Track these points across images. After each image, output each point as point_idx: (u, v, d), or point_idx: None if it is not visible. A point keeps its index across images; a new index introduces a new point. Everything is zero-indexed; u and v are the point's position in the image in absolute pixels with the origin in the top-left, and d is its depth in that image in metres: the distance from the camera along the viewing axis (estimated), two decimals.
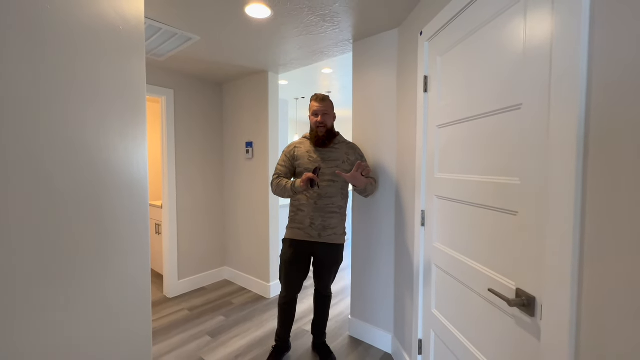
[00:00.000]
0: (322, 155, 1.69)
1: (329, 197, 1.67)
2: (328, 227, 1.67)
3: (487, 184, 0.99)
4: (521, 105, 0.86)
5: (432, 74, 1.39)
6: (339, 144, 1.73)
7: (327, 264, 1.73)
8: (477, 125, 1.06)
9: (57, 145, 0.68)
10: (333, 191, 1.68)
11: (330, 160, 1.68)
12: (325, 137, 1.68)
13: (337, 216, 1.70)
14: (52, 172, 0.68)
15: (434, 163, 1.38)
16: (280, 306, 1.80)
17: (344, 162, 1.69)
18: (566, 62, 0.70)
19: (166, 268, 2.79)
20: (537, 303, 0.80)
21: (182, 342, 2.07)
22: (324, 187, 1.66)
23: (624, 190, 0.59)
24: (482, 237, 1.03)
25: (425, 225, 1.47)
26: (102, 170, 0.76)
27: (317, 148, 1.70)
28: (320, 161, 1.67)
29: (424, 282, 1.48)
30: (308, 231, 1.67)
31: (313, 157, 1.69)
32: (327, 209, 1.67)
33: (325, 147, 1.70)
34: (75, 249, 0.72)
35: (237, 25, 1.79)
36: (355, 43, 2.03)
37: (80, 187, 0.72)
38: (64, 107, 0.69)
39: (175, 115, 2.74)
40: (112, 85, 0.79)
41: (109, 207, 0.78)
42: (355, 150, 1.76)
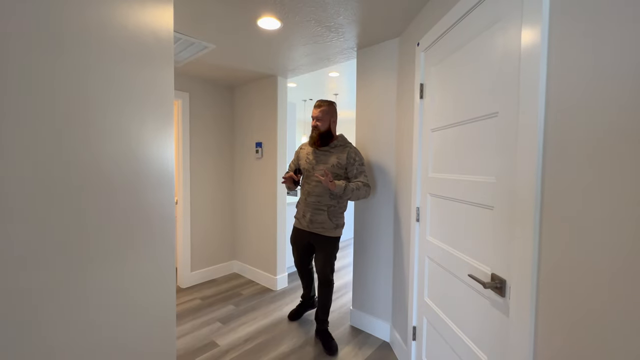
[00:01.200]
0: (316, 157, 1.96)
1: (316, 196, 1.93)
2: (315, 221, 1.94)
3: (471, 183, 1.12)
4: (497, 114, 0.98)
5: (427, 82, 1.52)
6: (336, 147, 1.93)
7: (318, 251, 2.01)
8: (462, 130, 1.18)
9: (110, 142, 0.84)
10: (320, 191, 1.92)
11: (322, 162, 1.93)
12: (318, 139, 1.92)
13: (324, 213, 1.92)
14: (105, 164, 0.83)
15: (428, 163, 1.51)
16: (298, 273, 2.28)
17: (333, 166, 1.89)
18: (530, 77, 0.82)
19: (180, 260, 2.97)
20: (507, 285, 0.93)
21: (195, 327, 2.24)
22: (313, 187, 1.94)
23: (574, 188, 0.71)
24: (465, 229, 1.16)
25: (419, 221, 1.60)
26: (141, 160, 0.92)
27: (314, 150, 1.97)
28: (314, 163, 1.95)
29: (418, 273, 1.61)
30: (301, 221, 2.02)
31: (309, 159, 1.99)
32: (314, 205, 1.94)
33: (321, 148, 1.94)
34: (121, 234, 0.87)
35: (250, 35, 1.95)
36: (359, 51, 2.16)
37: (125, 175, 0.88)
38: (119, 112, 0.85)
39: (190, 117, 2.92)
40: (149, 91, 0.94)
41: (147, 193, 0.93)
42: (348, 153, 1.88)
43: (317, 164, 1.93)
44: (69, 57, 0.75)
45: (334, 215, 1.93)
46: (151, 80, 0.94)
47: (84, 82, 0.78)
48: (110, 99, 0.84)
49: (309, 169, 1.97)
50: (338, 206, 1.94)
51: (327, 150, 1.93)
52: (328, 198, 1.91)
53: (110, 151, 0.84)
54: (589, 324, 0.67)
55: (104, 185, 0.83)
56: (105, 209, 0.83)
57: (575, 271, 0.70)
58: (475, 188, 1.09)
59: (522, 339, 0.84)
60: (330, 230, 1.94)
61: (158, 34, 0.96)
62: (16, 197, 0.68)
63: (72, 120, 0.76)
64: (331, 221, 1.93)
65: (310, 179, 1.96)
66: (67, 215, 0.76)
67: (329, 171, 1.85)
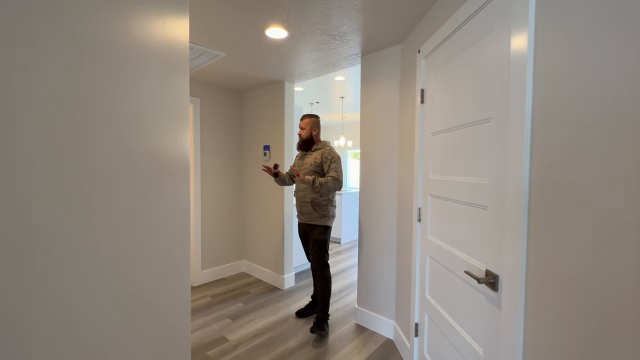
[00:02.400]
0: (300, 160, 2.34)
1: (302, 191, 2.26)
2: (305, 212, 2.27)
3: (467, 184, 1.18)
4: (490, 119, 1.05)
5: (428, 88, 1.59)
6: (315, 150, 2.27)
7: (310, 238, 2.29)
8: (460, 134, 1.25)
9: (139, 144, 0.94)
10: (303, 186, 2.25)
11: (304, 164, 2.28)
12: (301, 143, 2.31)
13: (309, 205, 2.22)
14: (137, 159, 0.93)
15: (428, 166, 1.57)
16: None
17: (311, 164, 2.22)
18: (518, 81, 0.89)
19: (191, 259, 3.08)
20: (500, 280, 0.99)
21: (206, 323, 2.34)
22: (298, 183, 2.29)
23: (559, 186, 0.78)
24: (462, 228, 1.22)
25: (421, 221, 1.66)
26: (164, 158, 1.01)
27: (301, 153, 2.35)
28: (300, 163, 2.32)
29: (420, 271, 1.66)
30: (299, 215, 2.34)
31: (298, 161, 2.36)
32: (302, 199, 2.26)
33: (306, 152, 2.31)
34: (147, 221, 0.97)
35: (258, 44, 2.04)
36: (363, 57, 2.24)
37: (152, 170, 0.97)
38: (147, 120, 0.95)
39: (201, 121, 3.03)
40: (169, 98, 1.04)
41: (168, 187, 1.02)
42: (322, 154, 2.21)
43: (303, 165, 2.29)
44: (114, 72, 0.85)
45: (317, 206, 2.21)
46: (173, 89, 1.04)
47: (126, 94, 0.88)
48: (142, 108, 0.94)
49: (297, 169, 2.29)
50: (321, 199, 2.21)
51: (308, 153, 2.30)
52: (310, 192, 2.21)
53: (144, 148, 0.94)
54: (573, 316, 0.73)
55: (137, 175, 0.92)
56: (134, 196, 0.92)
57: (561, 266, 0.76)
58: (471, 189, 1.15)
59: (513, 330, 0.90)
60: (317, 219, 2.22)
61: (176, 47, 1.06)
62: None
63: (121, 124, 0.86)
64: (316, 211, 2.21)
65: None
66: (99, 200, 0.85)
67: (308, 169, 2.23)
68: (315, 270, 2.23)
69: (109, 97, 0.86)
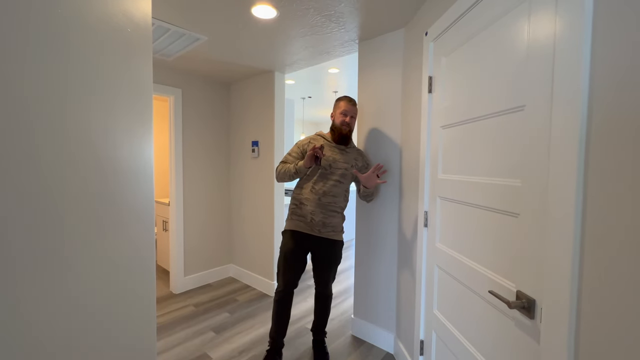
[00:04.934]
0: (334, 155, 1.73)
1: (332, 196, 1.71)
2: (328, 224, 1.71)
3: (489, 186, 0.99)
4: (524, 107, 0.85)
5: (437, 75, 1.39)
6: (351, 149, 1.81)
7: (326, 260, 1.76)
8: (480, 126, 1.05)
9: (63, 143, 0.71)
10: (338, 191, 1.73)
11: (340, 161, 1.73)
12: (347, 137, 1.76)
13: (338, 216, 1.75)
14: (56, 169, 0.70)
15: (437, 164, 1.38)
16: (276, 302, 1.77)
17: (352, 166, 1.76)
18: (569, 64, 0.69)
19: (172, 264, 2.84)
20: (537, 305, 0.80)
21: (187, 337, 2.11)
22: (331, 186, 1.70)
23: (625, 192, 0.59)
24: (483, 239, 1.03)
25: (428, 226, 1.47)
26: (107, 167, 0.79)
27: (332, 146, 1.76)
28: (331, 160, 1.71)
29: (426, 282, 1.48)
30: (308, 224, 1.70)
31: (326, 155, 1.72)
32: (329, 207, 1.71)
33: (340, 146, 1.77)
34: (76, 242, 0.74)
35: (244, 25, 1.81)
36: (360, 43, 2.03)
37: (86, 184, 0.75)
38: (72, 106, 0.72)
39: (182, 114, 2.78)
40: (119, 84, 0.81)
41: (115, 204, 0.80)
42: (363, 157, 1.84)
43: (336, 161, 1.72)
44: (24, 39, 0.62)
45: (343, 219, 1.80)
46: (119, 71, 0.81)
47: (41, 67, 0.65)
48: (71, 88, 0.71)
49: (325, 165, 1.70)
50: (345, 208, 1.81)
51: (344, 149, 1.78)
52: (342, 199, 1.75)
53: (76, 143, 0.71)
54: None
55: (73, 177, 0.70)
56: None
57: (630, 292, 0.57)
58: (495, 192, 0.96)
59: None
60: (340, 234, 1.78)
61: (131, 17, 0.83)
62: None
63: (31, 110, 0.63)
64: (341, 224, 1.79)
65: (327, 177, 1.70)
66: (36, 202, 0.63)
67: (345, 170, 1.73)
68: (326, 293, 1.84)
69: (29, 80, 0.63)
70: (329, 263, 1.77)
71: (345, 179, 1.74)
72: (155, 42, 2.03)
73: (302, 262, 1.75)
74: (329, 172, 1.71)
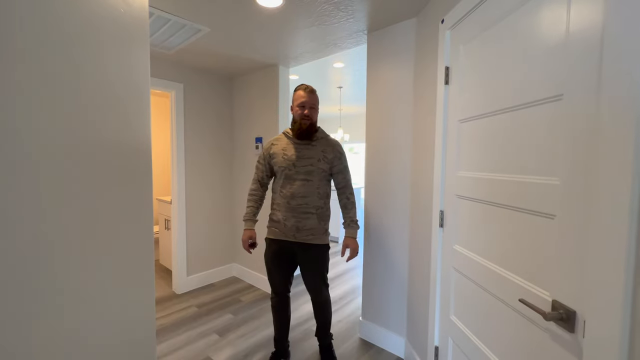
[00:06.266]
0: (297, 153, 1.60)
1: (302, 197, 1.57)
2: (302, 228, 1.58)
3: (519, 184, 0.90)
4: (562, 96, 0.77)
5: (454, 65, 1.30)
6: (317, 140, 1.63)
7: (307, 266, 1.64)
8: (507, 118, 0.96)
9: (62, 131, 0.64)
10: (308, 191, 1.58)
11: (305, 157, 1.59)
12: (309, 130, 1.60)
13: (313, 217, 1.59)
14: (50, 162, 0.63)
15: (454, 160, 1.29)
16: (272, 307, 1.76)
17: (319, 160, 1.59)
18: (622, 49, 0.60)
19: (175, 264, 2.78)
20: (579, 318, 0.72)
21: (190, 339, 2.05)
22: (298, 187, 1.57)
23: None
24: (511, 242, 0.94)
25: (444, 226, 1.39)
26: (103, 155, 0.71)
27: (295, 143, 1.62)
28: (294, 159, 1.59)
29: (441, 286, 1.40)
30: (283, 230, 1.61)
31: (287, 155, 1.61)
32: (300, 209, 1.57)
33: (304, 141, 1.61)
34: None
35: (248, 15, 1.72)
36: (370, 34, 1.94)
37: (83, 173, 0.67)
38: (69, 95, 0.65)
39: (184, 110, 2.70)
40: (115, 71, 0.73)
41: (109, 198, 0.73)
42: (334, 147, 1.64)
43: (299, 159, 1.58)
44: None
45: (323, 219, 1.63)
46: (115, 57, 0.73)
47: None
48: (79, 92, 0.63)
49: (288, 166, 1.59)
50: (325, 207, 1.64)
51: (308, 143, 1.62)
52: (316, 198, 1.59)
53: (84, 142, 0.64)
54: None
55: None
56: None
57: None
58: (526, 191, 0.88)
59: None
60: (321, 237, 1.62)
61: (132, 9, 0.75)
62: None
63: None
64: (321, 225, 1.62)
65: (293, 178, 1.59)
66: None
67: (312, 168, 1.57)
68: (319, 300, 1.70)
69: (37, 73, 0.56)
70: (312, 269, 1.64)
71: (314, 175, 1.58)
72: (155, 34, 1.95)
73: (286, 269, 1.68)
74: (294, 172, 1.58)
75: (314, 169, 1.58)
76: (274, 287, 1.72)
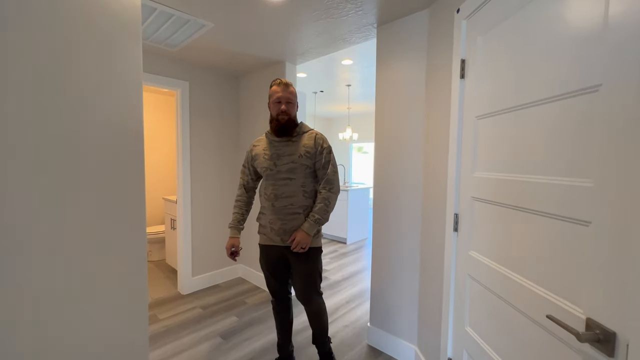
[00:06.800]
0: (277, 151, 1.52)
1: (287, 197, 1.48)
2: (289, 230, 1.49)
3: (547, 186, 0.81)
4: (599, 87, 0.67)
5: (471, 57, 1.21)
6: (297, 136, 1.54)
7: (297, 271, 1.55)
8: (532, 113, 0.87)
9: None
10: (292, 190, 1.48)
11: (285, 155, 1.50)
12: (288, 126, 1.50)
13: (300, 217, 1.49)
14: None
15: (470, 160, 1.20)
16: (272, 311, 1.73)
17: (301, 156, 1.49)
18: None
19: (180, 264, 2.75)
20: (619, 340, 0.62)
21: (194, 342, 2.01)
22: (281, 186, 1.49)
23: None
24: (537, 251, 0.85)
25: (458, 231, 1.30)
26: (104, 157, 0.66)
27: (274, 141, 1.54)
28: (275, 158, 1.51)
29: (456, 294, 1.31)
30: (270, 235, 1.54)
31: (267, 154, 1.54)
32: (286, 210, 1.48)
33: (283, 138, 1.53)
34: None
35: (252, 8, 1.66)
36: (379, 27, 1.85)
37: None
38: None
39: (190, 108, 2.66)
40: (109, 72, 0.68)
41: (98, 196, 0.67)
42: (316, 141, 1.53)
43: (280, 157, 1.50)
44: None
45: None
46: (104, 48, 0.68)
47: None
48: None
49: (269, 166, 1.51)
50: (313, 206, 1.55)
51: (288, 140, 1.53)
52: (302, 197, 1.49)
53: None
54: None
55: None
56: None
57: None
58: (555, 194, 0.78)
59: None
60: (311, 240, 1.50)
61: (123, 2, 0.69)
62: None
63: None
64: None
65: (275, 177, 1.50)
66: None
67: (293, 164, 1.48)
68: (309, 307, 1.59)
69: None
70: (301, 276, 1.54)
71: (297, 173, 1.49)
72: (159, 30, 1.91)
73: (281, 274, 1.62)
74: (275, 171, 1.50)
75: (296, 165, 1.48)
76: (272, 292, 1.68)
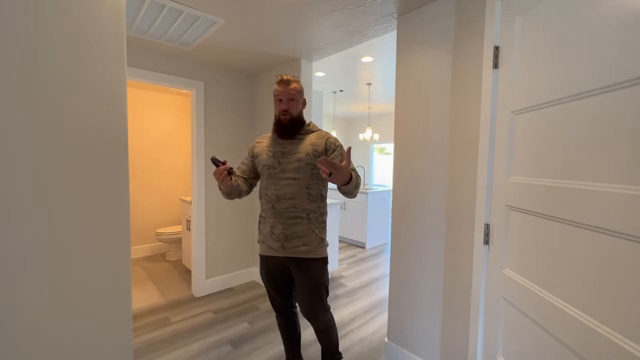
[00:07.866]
0: (282, 148, 1.38)
1: (289, 199, 1.33)
2: (291, 236, 1.34)
3: (607, 196, 0.64)
4: None
5: (506, 43, 1.04)
6: (305, 134, 1.41)
7: (300, 285, 1.39)
8: (589, 105, 0.70)
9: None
10: (295, 191, 1.34)
11: (291, 153, 1.36)
12: (291, 125, 1.37)
13: (304, 222, 1.34)
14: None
15: (505, 162, 1.03)
16: (278, 326, 1.62)
17: (307, 155, 1.35)
18: None
19: (194, 266, 2.72)
20: None
21: (203, 349, 1.94)
22: (283, 187, 1.34)
23: None
24: (594, 276, 0.68)
25: (489, 244, 1.13)
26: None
27: (279, 140, 1.41)
28: (279, 156, 1.37)
29: (485, 318, 1.14)
30: (269, 243, 1.39)
31: (272, 152, 1.40)
32: (288, 213, 1.34)
33: (289, 138, 1.39)
34: None
35: (263, 2, 1.57)
36: (400, 18, 1.70)
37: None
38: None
39: (205, 109, 2.63)
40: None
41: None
42: (326, 140, 1.39)
43: (285, 155, 1.37)
44: None
45: (316, 225, 1.37)
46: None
47: None
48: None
49: (273, 164, 1.38)
50: (319, 212, 1.39)
51: (295, 139, 1.39)
52: (306, 200, 1.35)
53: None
54: None
55: None
56: None
57: None
58: (619, 206, 0.61)
59: None
60: (315, 249, 1.36)
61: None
62: None
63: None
64: (315, 233, 1.36)
65: (278, 177, 1.36)
66: None
67: (303, 161, 1.33)
68: (316, 325, 1.46)
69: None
70: (305, 290, 1.39)
71: (302, 172, 1.34)
72: (170, 29, 1.88)
73: (283, 287, 1.47)
74: (279, 170, 1.36)
75: (301, 164, 1.34)
76: (274, 306, 1.55)
